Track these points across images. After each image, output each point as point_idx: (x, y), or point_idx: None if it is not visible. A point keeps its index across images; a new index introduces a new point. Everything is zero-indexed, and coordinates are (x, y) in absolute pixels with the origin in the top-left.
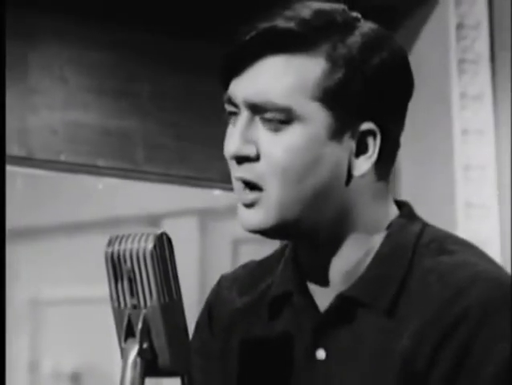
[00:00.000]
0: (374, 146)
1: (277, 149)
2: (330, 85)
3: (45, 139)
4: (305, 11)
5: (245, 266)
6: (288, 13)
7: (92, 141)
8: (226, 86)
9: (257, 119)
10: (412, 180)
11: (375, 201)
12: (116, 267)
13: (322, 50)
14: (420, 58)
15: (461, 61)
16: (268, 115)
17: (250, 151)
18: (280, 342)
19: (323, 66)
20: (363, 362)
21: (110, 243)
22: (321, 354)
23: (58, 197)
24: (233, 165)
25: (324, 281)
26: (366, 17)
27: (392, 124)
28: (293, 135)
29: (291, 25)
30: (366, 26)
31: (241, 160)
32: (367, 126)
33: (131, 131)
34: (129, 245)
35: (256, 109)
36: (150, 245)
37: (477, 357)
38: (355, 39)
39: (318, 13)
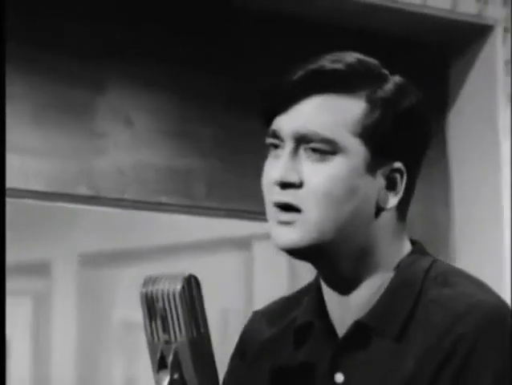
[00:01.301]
0: (401, 184)
1: (320, 177)
2: (368, 123)
3: (112, 179)
4: (349, 58)
5: (275, 302)
6: (334, 57)
7: (157, 179)
8: (269, 122)
9: (300, 150)
10: (462, 204)
11: (394, 238)
12: (150, 306)
13: (362, 93)
14: (470, 92)
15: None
16: (314, 146)
17: (295, 177)
18: (304, 367)
19: (363, 107)
20: (376, 383)
21: (145, 284)
22: (339, 377)
23: (130, 230)
24: (272, 190)
25: (343, 311)
26: (419, 54)
27: (414, 166)
28: (335, 165)
29: (339, 66)
30: (396, 77)
31: (286, 185)
32: (397, 165)
33: (193, 169)
34: (161, 286)
35: (303, 140)
36: (179, 287)
37: (470, 379)
38: (390, 86)
39: (360, 61)
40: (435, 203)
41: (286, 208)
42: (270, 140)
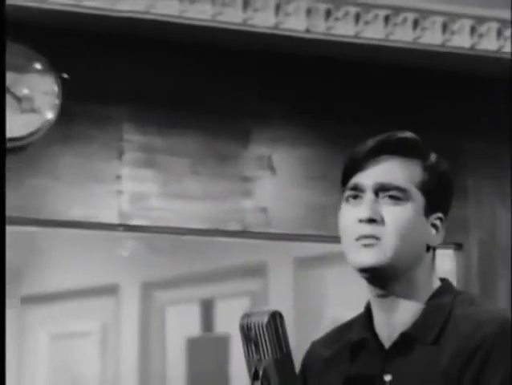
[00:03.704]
0: (442, 229)
1: (396, 217)
2: (424, 180)
3: (257, 216)
4: (408, 134)
5: (332, 329)
6: (397, 133)
7: (297, 215)
8: (348, 179)
9: (379, 198)
10: None
11: (430, 271)
12: (246, 334)
13: (416, 160)
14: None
15: None
16: (391, 193)
17: (378, 216)
18: (359, 375)
19: (419, 169)
20: (417, 379)
21: (242, 318)
22: (388, 377)
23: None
24: (357, 226)
25: (389, 328)
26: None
27: (446, 216)
28: (406, 209)
29: (407, 136)
30: (432, 152)
31: (372, 221)
32: (440, 214)
33: (329, 206)
34: (253, 320)
35: (382, 189)
36: (265, 320)
37: (489, 370)
38: (433, 155)
39: (415, 137)
40: None
41: (369, 237)
42: (350, 192)
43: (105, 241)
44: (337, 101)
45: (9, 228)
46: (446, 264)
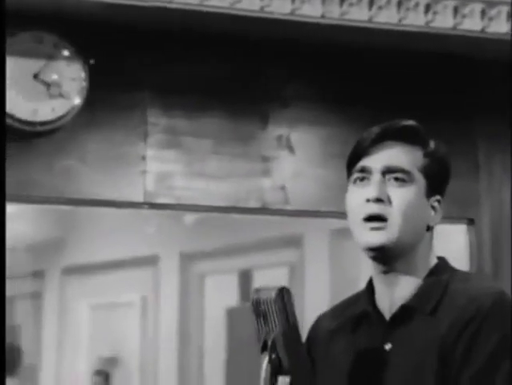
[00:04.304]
0: (440, 210)
1: (401, 197)
2: (425, 163)
3: (275, 194)
4: (410, 122)
5: (337, 303)
6: (400, 121)
7: (314, 192)
8: (355, 163)
9: (385, 179)
10: None
11: (429, 249)
12: (255, 308)
13: (420, 144)
14: None
15: None
16: (397, 175)
17: (385, 196)
18: (361, 344)
19: (421, 153)
20: (416, 347)
21: (253, 293)
22: (388, 346)
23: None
24: (364, 206)
25: (389, 301)
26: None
27: (443, 198)
28: (410, 190)
29: (410, 123)
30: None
31: (379, 201)
32: (438, 197)
33: (345, 184)
34: (262, 295)
35: (388, 172)
36: (273, 295)
37: (482, 339)
38: (433, 142)
39: (417, 124)
40: None
41: (376, 218)
42: (358, 175)
43: (134, 219)
44: (352, 84)
45: (43, 207)
46: (459, 238)
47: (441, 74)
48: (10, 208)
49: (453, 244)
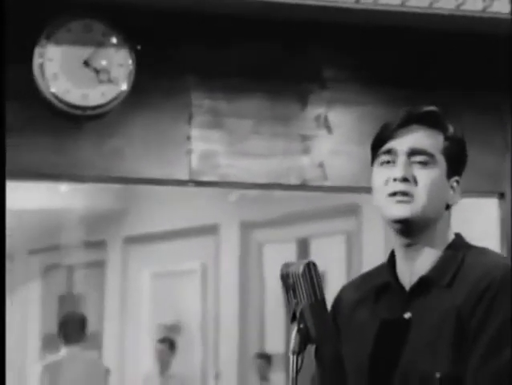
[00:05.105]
0: (459, 190)
1: (426, 178)
2: (446, 146)
3: (314, 171)
4: (432, 107)
5: (360, 275)
6: (423, 107)
7: (351, 169)
8: (381, 145)
9: (410, 161)
10: None
11: (447, 226)
12: (284, 282)
13: (440, 128)
14: None
15: None
16: (421, 158)
17: (411, 177)
18: (383, 312)
19: (442, 136)
20: (434, 316)
21: (282, 268)
22: (408, 315)
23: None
24: (391, 184)
25: (410, 273)
26: None
27: (460, 179)
28: (433, 171)
29: (432, 109)
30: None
31: (405, 180)
32: (457, 177)
33: None
34: (290, 269)
35: (413, 154)
36: (301, 269)
37: (496, 310)
38: (451, 126)
39: (437, 110)
40: None
41: (403, 194)
42: (384, 157)
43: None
44: (387, 65)
45: (96, 186)
46: (490, 212)
47: (471, 54)
48: (64, 187)
49: (484, 217)
